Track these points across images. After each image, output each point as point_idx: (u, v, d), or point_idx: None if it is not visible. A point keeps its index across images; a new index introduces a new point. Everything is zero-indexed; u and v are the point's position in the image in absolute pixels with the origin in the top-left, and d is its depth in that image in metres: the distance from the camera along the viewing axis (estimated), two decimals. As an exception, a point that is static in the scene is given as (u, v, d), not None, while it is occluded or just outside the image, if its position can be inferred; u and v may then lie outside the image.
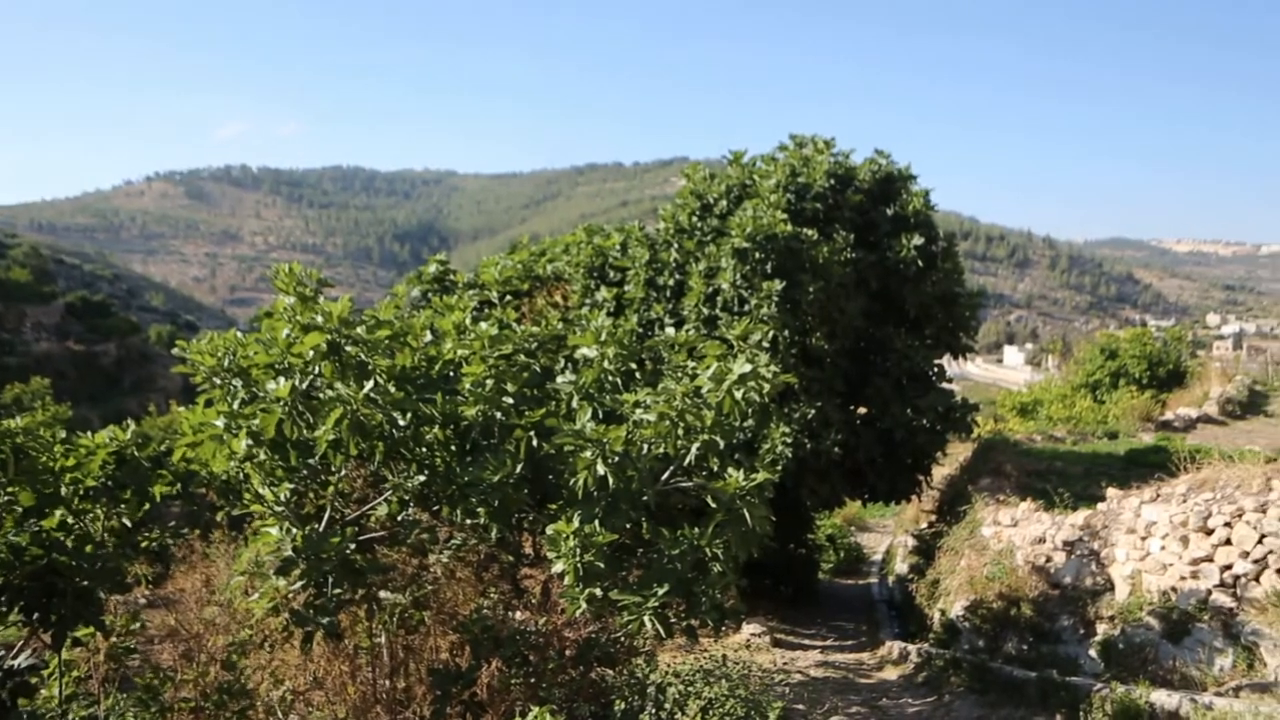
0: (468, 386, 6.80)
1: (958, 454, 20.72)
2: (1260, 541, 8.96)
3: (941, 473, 19.51)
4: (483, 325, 7.27)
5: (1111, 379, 29.69)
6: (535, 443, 6.73)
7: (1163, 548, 9.94)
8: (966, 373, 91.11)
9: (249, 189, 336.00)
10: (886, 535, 27.15)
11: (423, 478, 6.60)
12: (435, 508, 6.88)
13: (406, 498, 6.66)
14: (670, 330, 8.29)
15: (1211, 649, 9.01)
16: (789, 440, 11.09)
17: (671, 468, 6.52)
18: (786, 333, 12.68)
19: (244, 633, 6.78)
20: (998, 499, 13.87)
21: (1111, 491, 11.37)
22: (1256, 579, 9.00)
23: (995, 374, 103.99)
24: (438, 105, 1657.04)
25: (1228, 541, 9.31)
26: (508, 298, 14.16)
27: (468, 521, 6.65)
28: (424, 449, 6.71)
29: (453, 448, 6.81)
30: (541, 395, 7.26)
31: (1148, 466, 14.63)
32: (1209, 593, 9.28)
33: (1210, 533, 9.46)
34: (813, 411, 12.86)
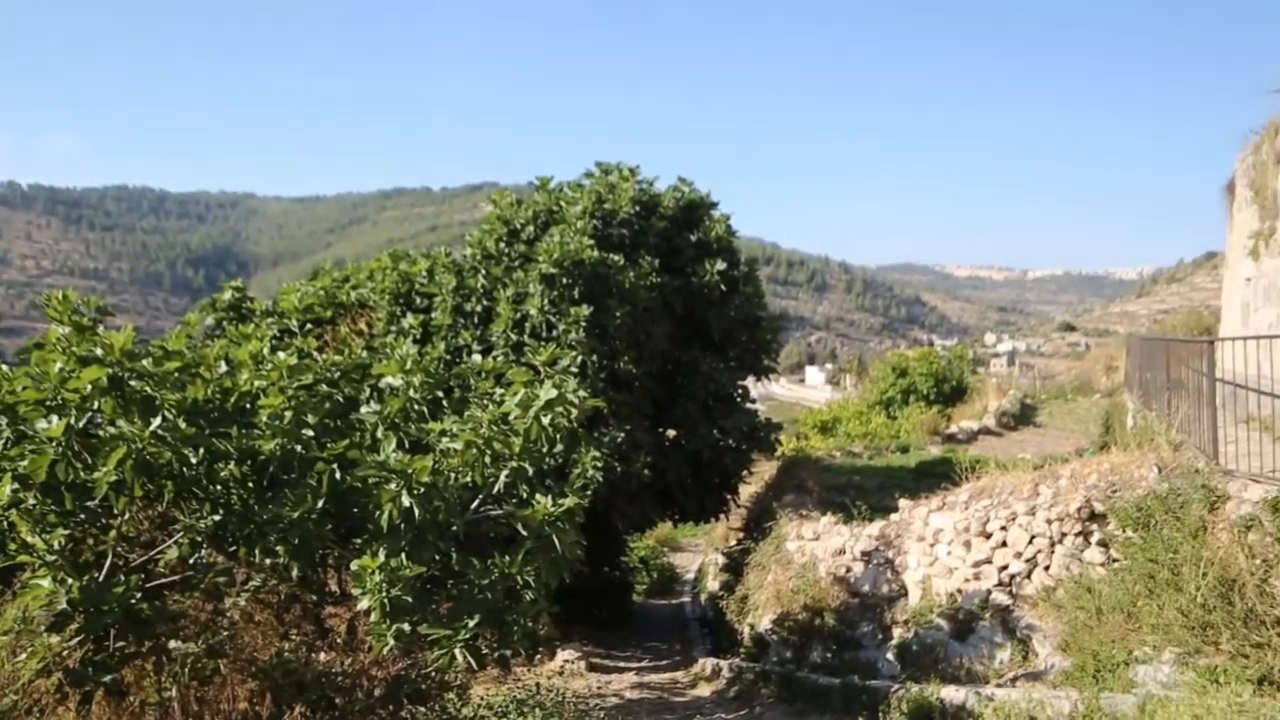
0: (265, 419, 6.50)
1: (764, 472, 21.44)
2: (1031, 542, 9.74)
3: (749, 491, 20.13)
4: (281, 355, 6.97)
5: (903, 396, 31.54)
6: (338, 476, 6.50)
7: (949, 552, 10.63)
8: (771, 393, 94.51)
9: (18, 208, 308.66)
10: (699, 554, 27.74)
11: (217, 517, 6.24)
12: (232, 548, 6.52)
13: (199, 539, 6.27)
14: (478, 357, 8.22)
15: (992, 644, 9.68)
16: (599, 464, 11.18)
17: (480, 496, 6.44)
18: (595, 357, 12.82)
19: (5, 699, 6.18)
20: (801, 514, 14.45)
21: (903, 502, 12.08)
22: (1028, 576, 9.77)
23: (798, 393, 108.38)
24: (234, 124, 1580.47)
25: (1004, 544, 10.07)
26: (309, 326, 13.66)
27: (267, 561, 6.34)
28: (218, 486, 6.35)
29: (250, 484, 6.48)
30: (344, 426, 7.02)
31: (935, 477, 15.57)
32: (989, 592, 9.99)
33: (989, 536, 10.20)
34: (622, 435, 13.03)
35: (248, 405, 6.92)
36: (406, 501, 5.84)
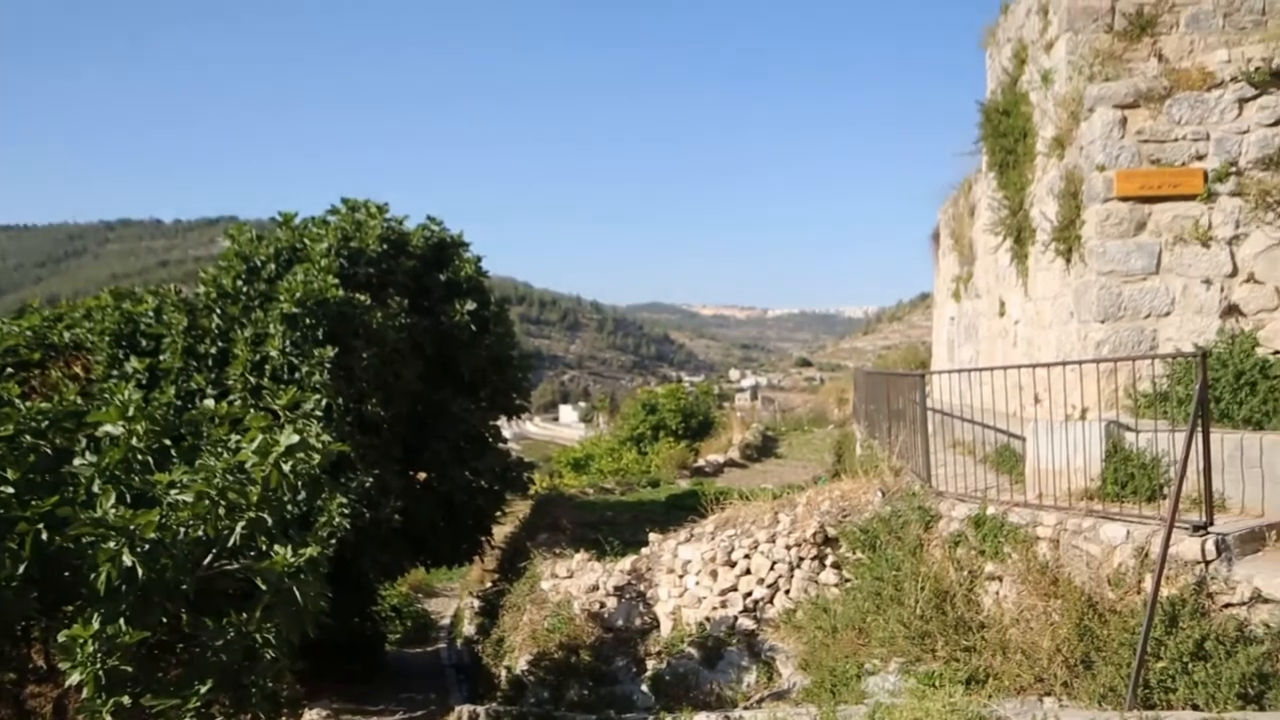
0: (-48, 478, 5.79)
1: (518, 511, 21.33)
2: (772, 568, 10.26)
3: (503, 531, 19.96)
4: (-26, 404, 6.25)
5: (653, 431, 32.41)
6: (45, 536, 5.87)
7: (697, 582, 11.00)
8: (526, 432, 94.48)
9: None
10: (455, 599, 27.15)
11: (-109, 591, 5.48)
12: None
13: None
14: (211, 402, 7.70)
15: (740, 668, 10.08)
16: (346, 511, 10.70)
17: (214, 551, 6.02)
18: (340, 400, 12.34)
19: None
20: (555, 552, 14.48)
21: (653, 536, 12.39)
22: (771, 601, 10.28)
23: (552, 431, 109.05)
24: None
25: (748, 571, 10.54)
26: (9, 370, 12.30)
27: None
28: (-108, 557, 5.58)
29: (-65, 552, 5.73)
30: (54, 481, 6.36)
31: (685, 510, 16.08)
32: (736, 618, 10.41)
33: (734, 565, 10.65)
34: (371, 480, 12.57)
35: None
36: (128, 560, 5.36)
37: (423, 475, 15.50)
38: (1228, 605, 6.05)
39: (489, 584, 19.21)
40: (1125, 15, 10.43)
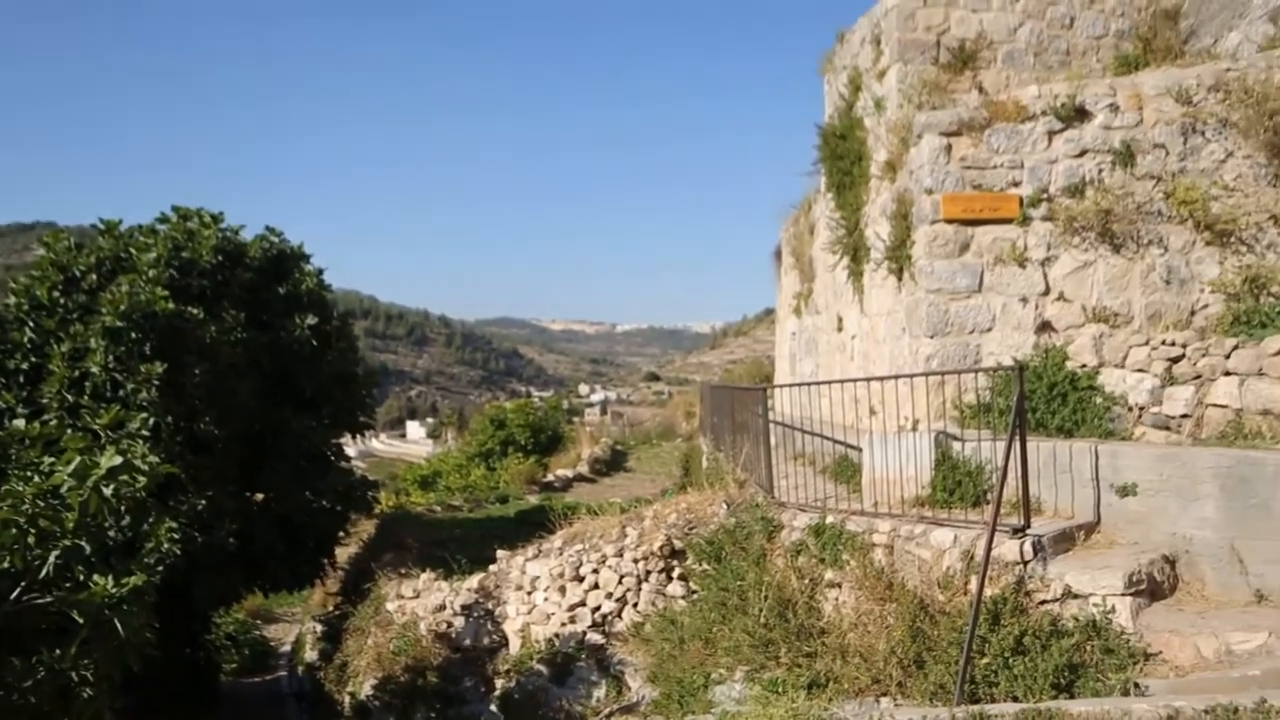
0: None
1: (362, 532, 20.77)
2: (620, 582, 10.32)
3: (347, 553, 19.40)
4: None
5: (502, 447, 32.12)
6: None
7: (546, 599, 10.95)
8: (372, 449, 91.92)
9: None
10: (296, 624, 26.15)
11: None
12: None
13: None
14: (21, 422, 7.16)
15: (589, 683, 10.08)
16: (176, 536, 10.18)
17: (23, 583, 5.60)
18: (170, 419, 11.73)
19: None
20: (400, 573, 14.16)
21: (501, 553, 12.27)
22: (620, 615, 10.33)
23: (400, 449, 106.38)
24: None
25: (596, 585, 10.57)
26: None
27: None
28: None
29: None
30: None
31: (534, 525, 15.96)
32: (585, 633, 10.41)
33: (582, 579, 10.65)
34: (204, 502, 11.98)
35: None
36: (-78, 597, 4.93)
37: (261, 496, 14.89)
38: (1043, 602, 6.45)
39: (332, 607, 18.60)
40: (949, 49, 11.05)
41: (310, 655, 18.94)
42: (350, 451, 19.45)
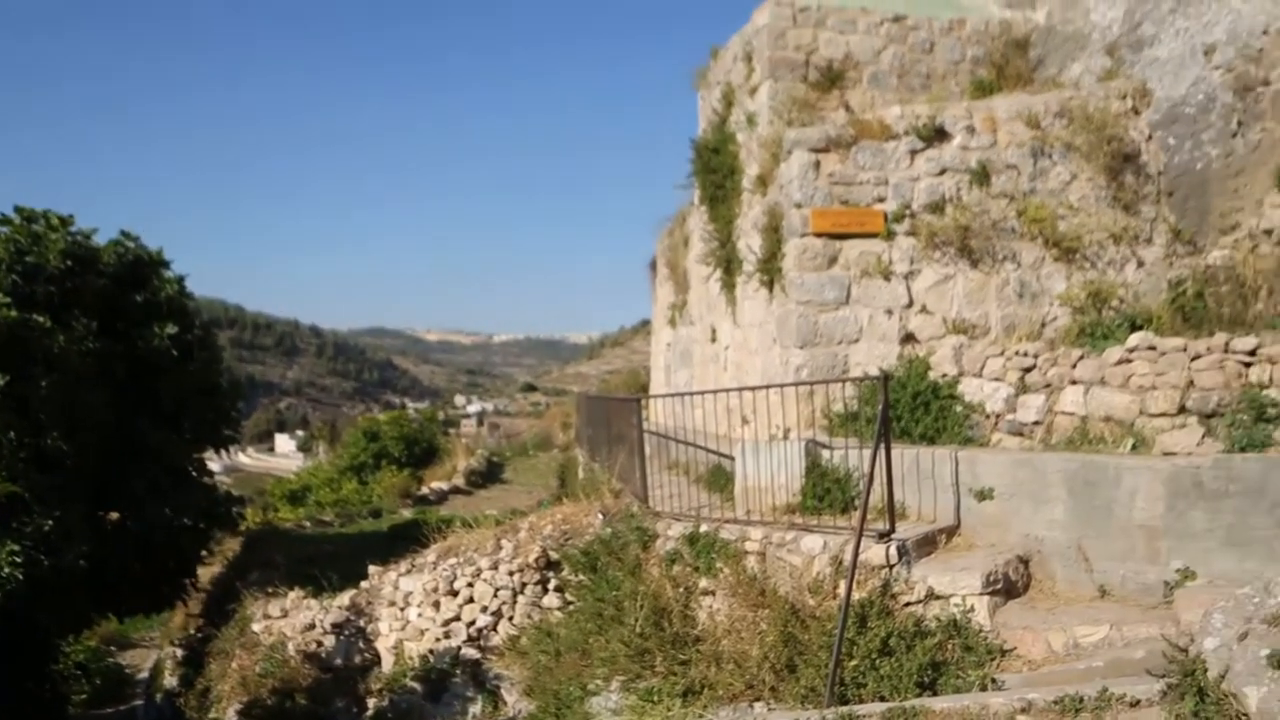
0: None
1: (227, 550, 20.01)
2: (495, 595, 10.22)
3: (210, 572, 18.63)
4: None
5: (375, 460, 31.44)
6: None
7: (420, 614, 10.74)
8: (239, 464, 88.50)
9: None
10: (155, 649, 24.93)
11: None
12: None
13: None
14: None
15: (465, 699, 9.93)
16: (19, 560, 9.62)
17: None
18: (13, 434, 11.02)
19: None
20: (268, 592, 13.69)
21: (373, 569, 12.00)
22: (495, 629, 10.23)
23: (268, 463, 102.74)
24: None
25: (471, 599, 10.44)
26: None
27: None
28: None
29: None
30: None
31: (407, 540, 15.64)
32: (460, 649, 10.26)
33: (457, 594, 10.50)
34: (51, 522, 11.27)
35: None
36: None
37: (116, 515, 14.15)
38: (908, 604, 6.70)
39: (194, 630, 17.82)
40: (818, 68, 11.40)
41: (170, 682, 18.05)
42: (214, 466, 18.71)
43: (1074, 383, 8.29)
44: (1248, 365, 7.27)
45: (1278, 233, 9.89)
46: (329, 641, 11.55)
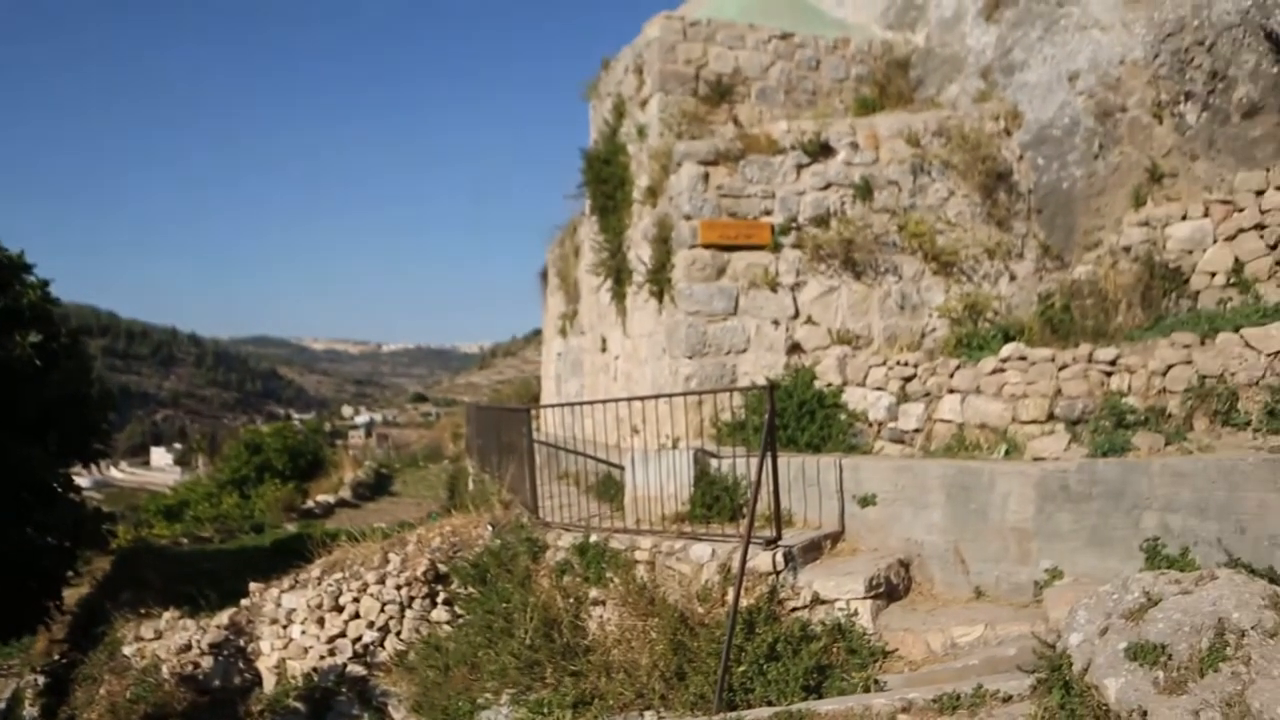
0: None
1: (97, 570, 19.05)
2: (383, 610, 10.00)
3: (77, 594, 17.71)
4: None
5: (257, 473, 30.46)
6: None
7: (303, 632, 10.43)
8: (111, 479, 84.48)
9: None
10: (14, 677, 23.53)
11: None
12: None
13: None
14: None
15: (350, 718, 9.68)
16: None
17: None
18: None
19: None
20: (140, 612, 13.06)
21: (254, 585, 11.60)
22: (382, 645, 10.00)
23: (143, 477, 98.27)
24: None
25: (357, 615, 10.19)
26: None
27: None
28: None
29: None
30: None
31: (291, 555, 15.17)
32: (345, 666, 10.00)
33: (342, 610, 10.23)
34: (-102, 544, 10.62)
35: None
36: None
37: (-29, 535, 13.33)
38: (794, 609, 6.83)
39: (58, 656, 16.89)
40: (707, 82, 11.57)
41: (30, 712, 17.04)
42: (83, 482, 17.84)
43: (952, 391, 8.59)
44: (1109, 374, 7.67)
45: (1135, 250, 10.47)
46: (206, 663, 11.10)
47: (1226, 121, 10.96)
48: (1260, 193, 9.96)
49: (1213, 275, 10.18)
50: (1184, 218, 10.44)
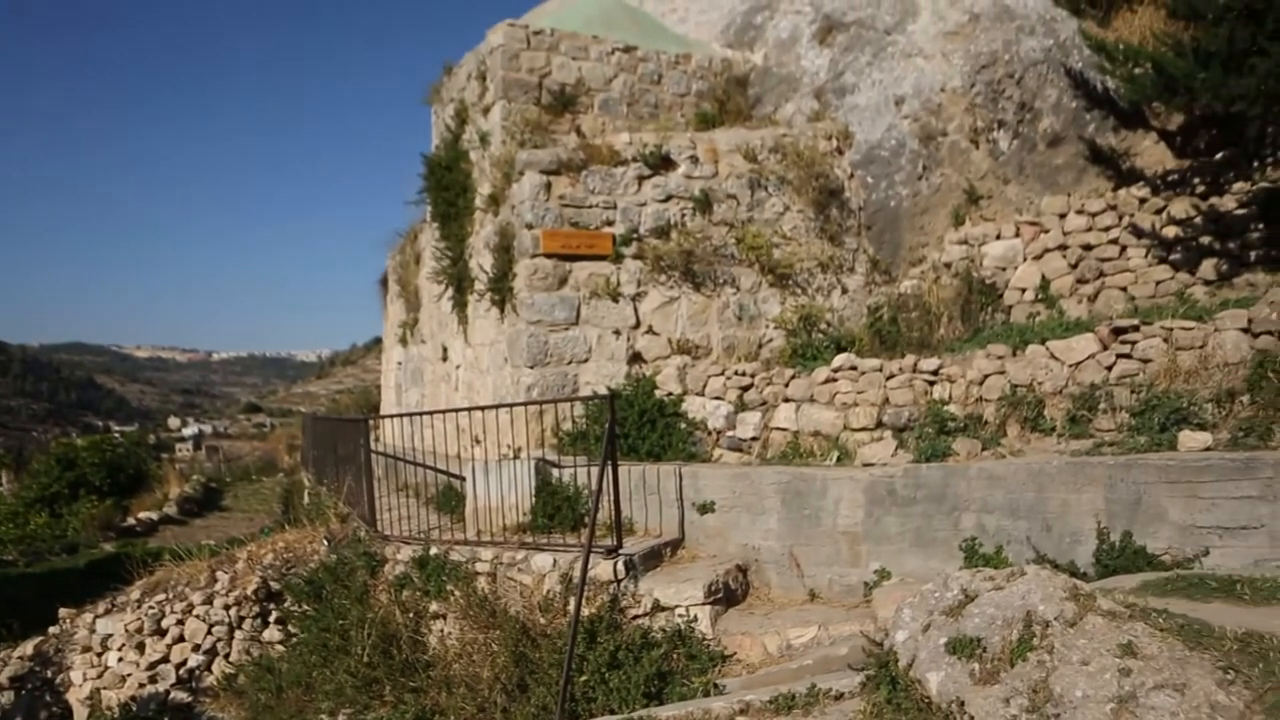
0: None
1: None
2: (210, 631, 9.53)
3: None
4: None
5: (71, 490, 28.48)
6: None
7: (120, 659, 9.83)
8: (-102, 499, 77.11)
9: None
10: None
11: None
12: None
13: None
14: None
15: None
16: None
17: None
18: None
19: None
20: (-69, 645, 11.99)
21: (64, 611, 10.83)
22: (209, 668, 9.54)
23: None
24: None
25: (182, 638, 9.68)
26: None
27: None
28: None
29: None
30: None
31: (108, 577, 14.25)
32: (168, 693, 9.48)
33: (165, 633, 9.70)
34: None
35: None
36: None
37: None
38: (636, 617, 6.89)
39: None
40: (551, 91, 11.57)
41: None
42: None
43: (787, 400, 8.87)
44: (932, 383, 8.08)
45: (956, 266, 11.12)
46: (7, 699, 10.29)
47: (1034, 149, 11.80)
48: (1063, 215, 10.79)
49: (1023, 291, 10.93)
50: (998, 237, 11.19)
